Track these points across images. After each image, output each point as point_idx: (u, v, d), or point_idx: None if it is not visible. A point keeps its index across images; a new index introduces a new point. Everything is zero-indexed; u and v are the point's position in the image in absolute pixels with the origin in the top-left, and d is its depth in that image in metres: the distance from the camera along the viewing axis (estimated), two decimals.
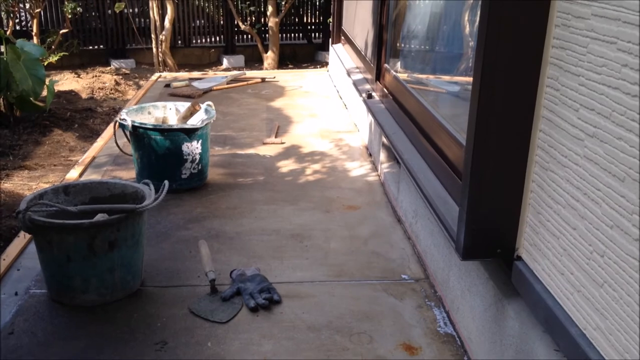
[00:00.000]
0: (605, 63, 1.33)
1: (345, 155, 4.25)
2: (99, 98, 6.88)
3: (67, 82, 7.32)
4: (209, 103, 3.77)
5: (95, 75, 7.69)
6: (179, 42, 8.97)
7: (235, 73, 6.98)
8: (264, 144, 4.45)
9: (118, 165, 3.95)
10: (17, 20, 7.91)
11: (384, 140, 3.57)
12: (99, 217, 2.38)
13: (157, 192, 2.52)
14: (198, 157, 3.53)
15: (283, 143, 4.48)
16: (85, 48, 8.50)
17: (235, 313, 2.38)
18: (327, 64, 7.86)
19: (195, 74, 7.16)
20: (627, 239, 1.24)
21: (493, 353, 1.91)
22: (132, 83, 7.65)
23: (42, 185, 4.04)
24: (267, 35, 8.92)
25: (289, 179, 3.81)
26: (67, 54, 7.70)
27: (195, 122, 3.60)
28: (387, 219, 3.27)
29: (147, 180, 2.62)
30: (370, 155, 4.19)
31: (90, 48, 8.59)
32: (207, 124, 3.54)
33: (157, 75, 6.85)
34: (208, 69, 8.60)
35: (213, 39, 9.30)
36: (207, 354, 2.16)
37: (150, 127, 3.42)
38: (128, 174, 3.76)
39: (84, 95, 6.87)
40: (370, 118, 3.97)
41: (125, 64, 8.57)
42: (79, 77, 7.61)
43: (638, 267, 1.21)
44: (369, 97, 3.91)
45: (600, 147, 1.35)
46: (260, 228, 3.13)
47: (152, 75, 7.00)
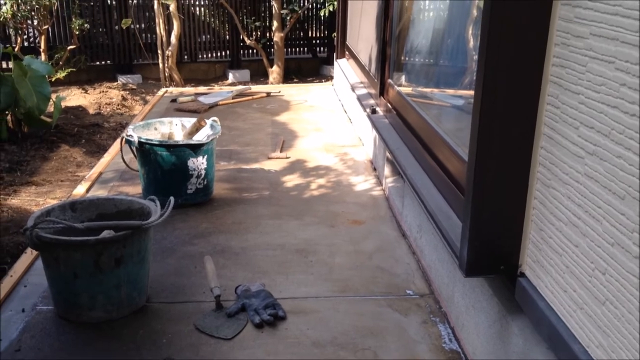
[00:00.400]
0: (604, 82, 1.35)
1: (350, 170, 4.26)
2: (106, 113, 6.94)
3: (74, 97, 7.39)
4: (215, 119, 3.80)
5: (103, 91, 7.75)
6: (185, 57, 9.05)
7: (241, 88, 7.03)
8: (269, 159, 4.47)
9: (124, 181, 3.98)
10: (25, 37, 8.01)
11: (388, 155, 3.59)
12: (105, 233, 2.40)
13: (163, 207, 2.54)
14: (204, 172, 3.55)
15: (288, 157, 4.50)
16: (93, 64, 8.58)
17: (240, 329, 2.39)
18: (332, 78, 7.90)
19: (201, 89, 7.22)
20: (627, 257, 1.25)
21: None
22: (138, 98, 7.72)
23: (49, 201, 4.07)
24: (272, 50, 8.98)
25: (294, 194, 3.83)
26: (74, 70, 7.78)
27: (201, 137, 3.63)
28: (391, 234, 3.28)
29: (153, 197, 2.64)
30: (375, 170, 4.21)
31: (98, 64, 8.67)
32: (212, 140, 3.57)
33: (163, 91, 6.91)
34: (214, 84, 8.66)
35: (219, 54, 9.37)
36: None
37: (157, 143, 3.46)
38: (134, 190, 3.79)
39: (91, 111, 6.93)
40: (375, 133, 3.99)
41: (132, 79, 8.64)
42: (86, 92, 7.68)
43: (638, 284, 1.22)
44: (373, 112, 3.93)
45: (601, 165, 1.36)
46: (266, 243, 3.14)
47: (158, 91, 7.06)
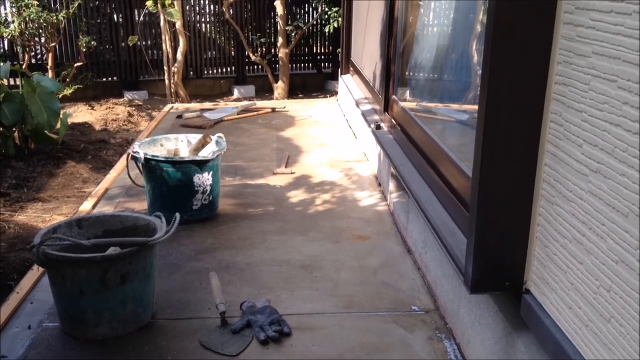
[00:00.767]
0: (607, 100, 1.36)
1: (355, 185, 4.27)
2: (112, 129, 6.99)
3: (81, 114, 7.45)
4: (220, 135, 3.83)
5: (109, 107, 7.82)
6: (191, 73, 9.12)
7: (246, 103, 7.08)
8: (274, 174, 4.49)
9: (130, 197, 4.00)
10: (32, 54, 8.09)
11: (393, 170, 3.60)
12: (111, 250, 2.42)
13: (168, 223, 2.55)
14: (209, 188, 3.57)
15: (293, 173, 4.52)
16: (99, 80, 8.66)
17: (246, 346, 2.39)
18: (336, 93, 7.94)
19: (207, 105, 7.26)
20: (631, 274, 1.25)
21: None
22: (144, 114, 7.77)
23: (55, 217, 4.09)
24: (277, 66, 9.04)
25: (299, 209, 3.84)
26: (81, 87, 7.85)
27: (207, 153, 3.65)
28: (396, 249, 3.28)
29: (158, 213, 2.66)
30: (380, 185, 4.22)
31: (104, 80, 8.74)
32: (218, 156, 3.59)
33: (169, 107, 6.96)
34: (219, 100, 8.71)
35: (224, 70, 9.44)
36: None
37: (162, 159, 3.48)
38: (140, 205, 3.80)
39: (98, 127, 6.98)
40: (379, 148, 4.00)
41: (138, 96, 8.71)
42: (93, 109, 7.74)
43: None
44: (378, 127, 3.95)
45: (604, 182, 1.36)
46: (271, 259, 3.15)
47: (164, 107, 7.11)
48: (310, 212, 3.80)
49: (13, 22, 7.41)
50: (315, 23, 9.42)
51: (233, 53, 9.33)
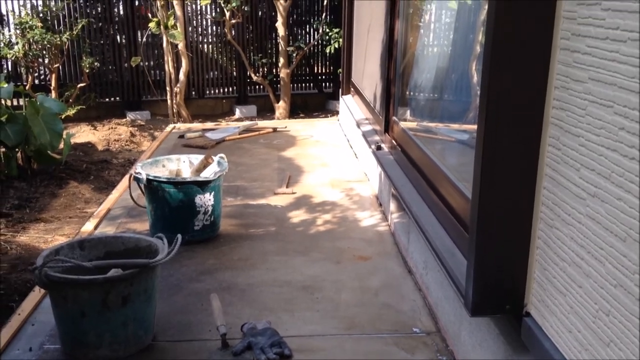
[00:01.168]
0: (603, 125, 1.38)
1: (356, 205, 4.28)
2: (115, 150, 7.02)
3: (83, 134, 7.50)
4: (222, 155, 3.85)
5: (111, 127, 7.87)
6: (193, 93, 9.18)
7: (248, 123, 7.12)
8: (276, 194, 4.51)
9: (132, 217, 4.01)
10: (36, 75, 8.16)
11: (393, 191, 3.61)
12: (113, 272, 2.42)
13: (170, 244, 2.56)
14: (210, 208, 3.59)
15: (294, 193, 4.53)
16: (102, 100, 8.71)
17: None
18: (337, 113, 7.99)
19: (209, 125, 7.31)
20: (630, 299, 1.26)
21: None
22: (147, 134, 7.82)
23: (57, 238, 4.10)
24: (278, 86, 9.11)
25: (300, 229, 3.84)
26: (84, 107, 7.90)
27: (208, 174, 3.67)
28: (397, 270, 3.28)
29: (160, 234, 2.67)
30: (381, 205, 4.23)
31: (107, 100, 8.80)
32: (219, 176, 3.61)
33: (171, 127, 7.00)
34: (221, 119, 8.76)
35: (226, 90, 9.50)
36: None
37: (164, 180, 3.50)
38: (142, 226, 3.82)
39: (100, 147, 7.02)
40: (380, 169, 4.02)
41: (141, 116, 8.76)
42: (96, 129, 7.79)
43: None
44: (378, 148, 3.97)
45: (602, 206, 1.38)
46: (272, 279, 3.15)
47: (166, 127, 7.16)
48: (312, 232, 3.81)
49: (17, 43, 7.49)
50: (317, 44, 9.51)
51: (235, 73, 9.40)
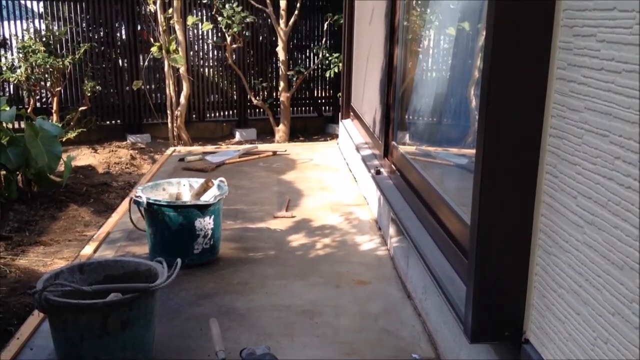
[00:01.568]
0: (599, 154, 1.40)
1: (355, 229, 4.29)
2: (115, 172, 7.04)
3: (84, 157, 7.52)
4: (222, 179, 3.87)
5: (112, 150, 7.89)
6: (194, 116, 9.23)
7: (248, 147, 7.15)
8: (275, 218, 4.51)
9: (132, 241, 4.01)
10: (37, 98, 8.21)
11: (393, 215, 3.62)
12: (112, 296, 2.42)
13: (169, 268, 2.56)
14: (210, 232, 3.59)
15: (294, 217, 4.54)
16: (103, 123, 8.75)
17: None
18: (337, 137, 8.03)
19: (209, 148, 7.34)
20: (628, 327, 1.27)
21: None
22: (147, 157, 7.84)
23: (56, 262, 4.10)
24: (278, 109, 9.17)
25: (300, 253, 3.85)
26: (84, 130, 7.94)
27: (208, 198, 3.69)
28: (397, 295, 3.28)
29: (160, 259, 2.68)
30: (380, 229, 4.24)
31: (108, 123, 8.83)
32: (219, 200, 3.63)
33: (171, 150, 7.03)
34: (221, 142, 8.80)
35: (226, 113, 9.55)
36: None
37: (164, 203, 3.51)
38: (141, 249, 3.82)
39: (100, 170, 7.04)
40: (379, 193, 4.04)
41: (141, 139, 8.79)
42: (96, 152, 7.82)
43: (639, 354, 1.23)
44: (378, 173, 3.99)
45: (599, 234, 1.39)
46: (271, 304, 3.15)
47: (167, 150, 7.19)
48: (311, 256, 3.81)
49: (20, 67, 7.55)
50: (317, 68, 9.59)
51: (235, 97, 9.47)
